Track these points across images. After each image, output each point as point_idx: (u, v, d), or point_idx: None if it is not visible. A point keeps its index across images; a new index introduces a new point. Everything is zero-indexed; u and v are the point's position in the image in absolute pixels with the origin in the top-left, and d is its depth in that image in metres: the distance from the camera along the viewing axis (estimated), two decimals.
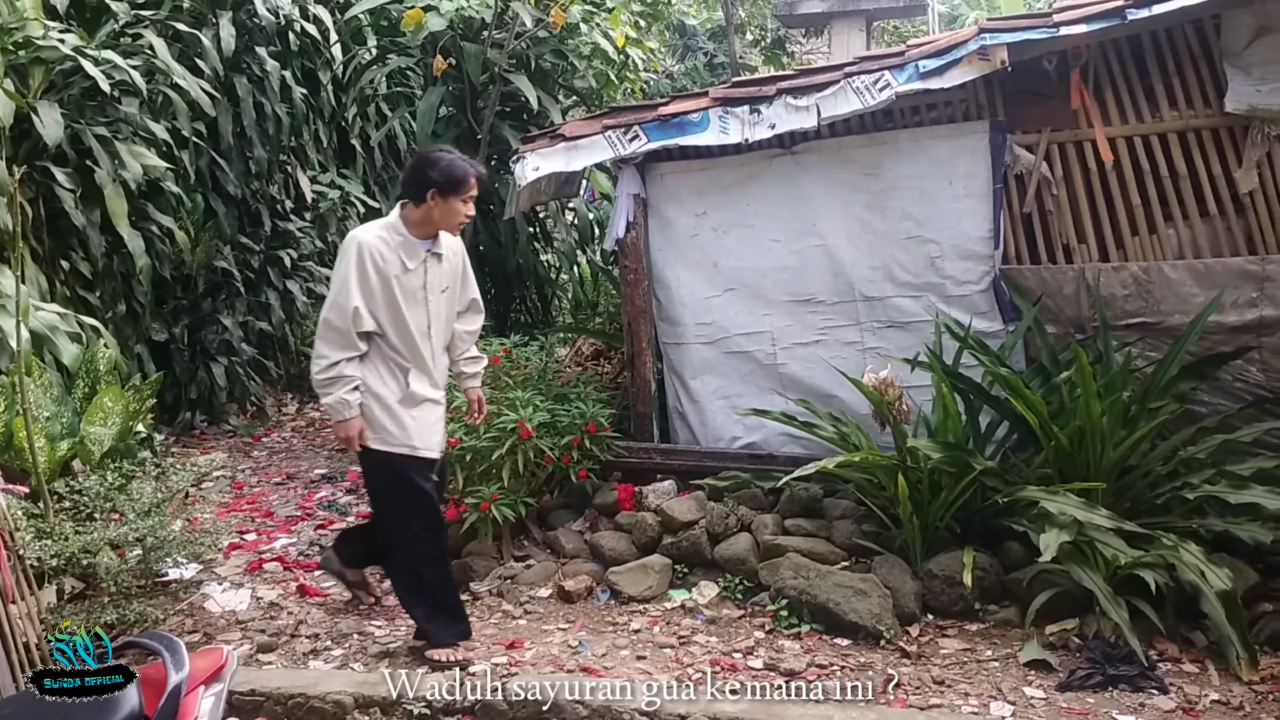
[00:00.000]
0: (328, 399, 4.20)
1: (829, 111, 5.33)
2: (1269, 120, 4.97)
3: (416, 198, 4.24)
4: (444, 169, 4.21)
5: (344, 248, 4.24)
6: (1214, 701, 3.93)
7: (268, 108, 8.57)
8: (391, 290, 4.20)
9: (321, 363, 4.17)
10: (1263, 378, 4.99)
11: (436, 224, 4.31)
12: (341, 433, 4.28)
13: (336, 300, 4.17)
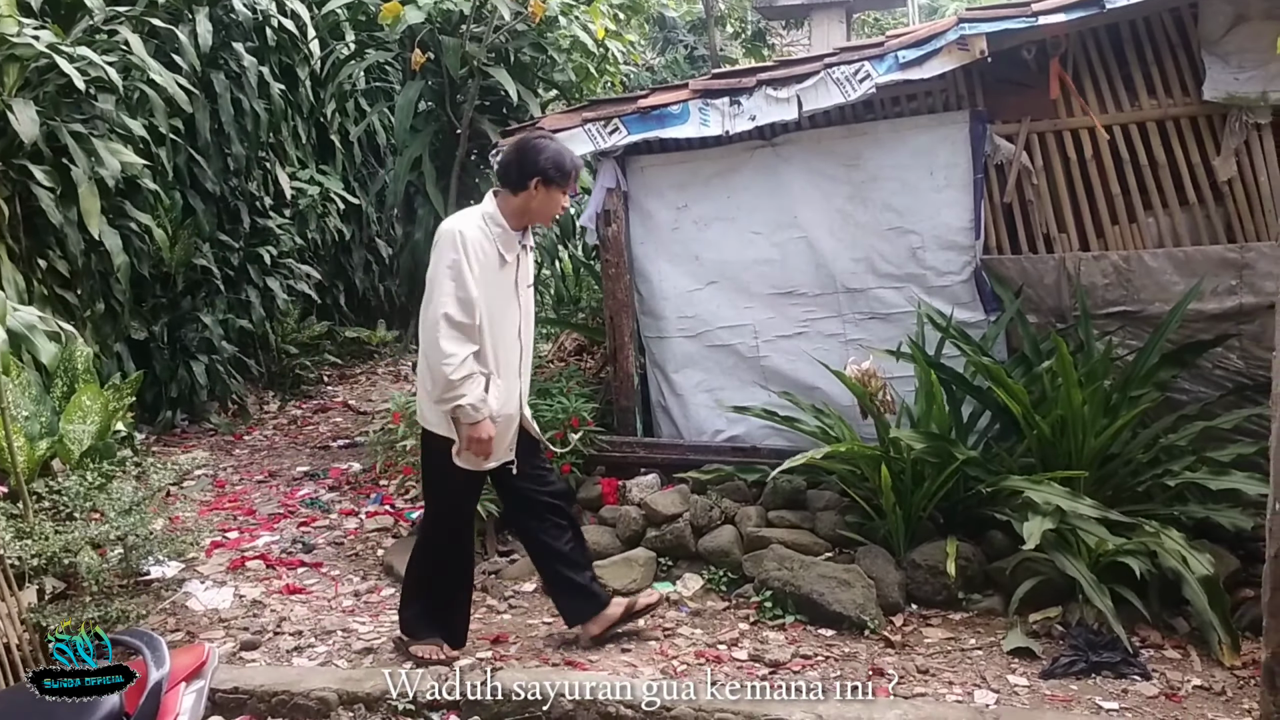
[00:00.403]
0: (462, 400, 3.91)
1: (809, 103, 5.33)
2: (1247, 108, 4.98)
3: (517, 185, 4.07)
4: (553, 156, 4.08)
5: (444, 238, 3.98)
6: (1196, 687, 3.95)
7: (245, 104, 8.52)
8: (490, 285, 4.01)
9: (454, 361, 3.88)
10: (1242, 365, 5.01)
11: (534, 214, 4.16)
12: (477, 434, 3.98)
13: (456, 294, 3.90)
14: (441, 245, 3.98)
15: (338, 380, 10.60)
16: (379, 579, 5.41)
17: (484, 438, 3.98)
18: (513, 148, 4.18)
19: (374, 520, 6.24)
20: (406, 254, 7.99)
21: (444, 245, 3.98)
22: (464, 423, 3.97)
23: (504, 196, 4.12)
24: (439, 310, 3.90)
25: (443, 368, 3.88)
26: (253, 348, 9.52)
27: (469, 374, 3.91)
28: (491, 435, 4.00)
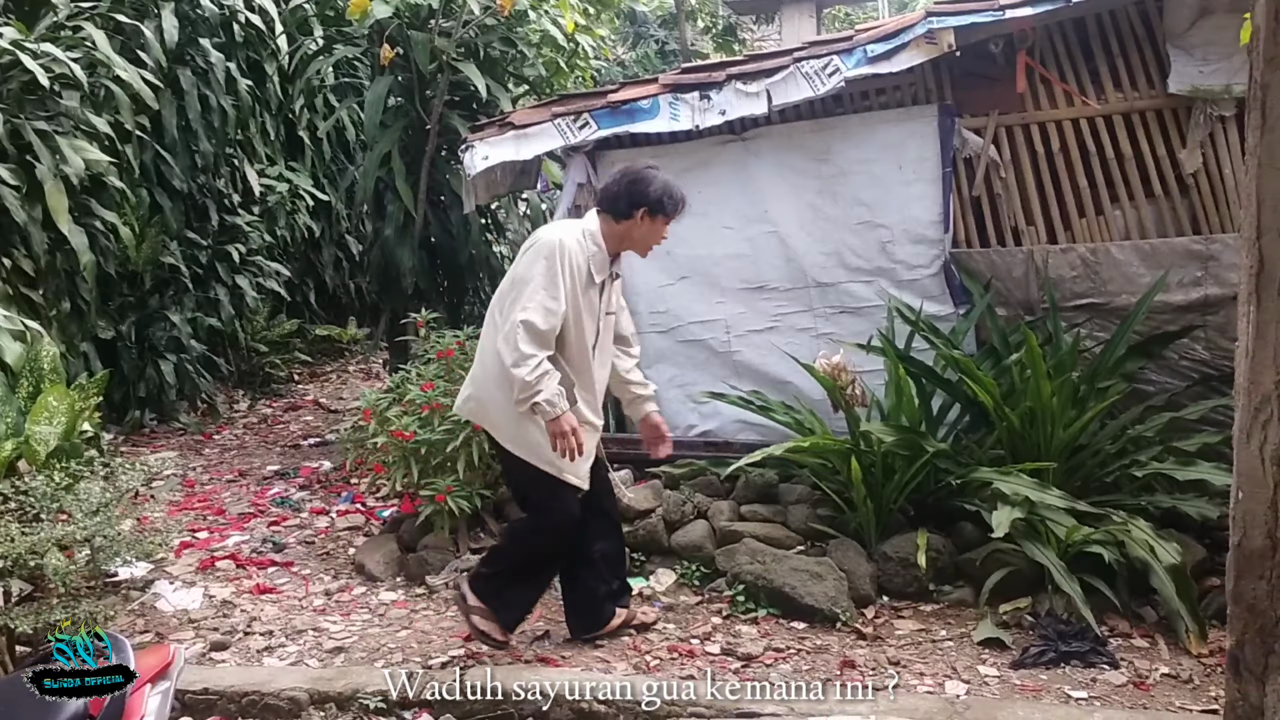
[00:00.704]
0: (539, 397, 3.82)
1: (779, 97, 5.34)
2: (1211, 101, 5.02)
3: (622, 213, 4.04)
4: (663, 188, 4.05)
5: (543, 246, 3.93)
6: (1164, 675, 3.98)
7: (213, 100, 8.46)
8: (577, 300, 3.98)
9: (531, 362, 3.81)
10: (1208, 355, 5.05)
11: (633, 243, 4.14)
12: (559, 428, 3.87)
13: (544, 304, 3.86)
14: (539, 251, 3.93)
15: (308, 378, 10.55)
16: (350, 578, 5.38)
17: (567, 430, 3.87)
18: (621, 176, 4.11)
19: (345, 519, 6.22)
20: (376, 250, 7.96)
21: (541, 251, 3.92)
22: (545, 420, 3.88)
23: (605, 220, 4.09)
24: (521, 316, 3.83)
25: (518, 369, 3.81)
26: (222, 346, 9.48)
27: (546, 371, 3.85)
28: (575, 426, 3.90)
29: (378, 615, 4.90)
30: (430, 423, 5.29)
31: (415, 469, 5.28)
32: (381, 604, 5.03)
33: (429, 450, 5.28)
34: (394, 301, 7.89)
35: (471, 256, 8.10)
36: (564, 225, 4.09)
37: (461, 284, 8.49)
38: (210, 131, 8.52)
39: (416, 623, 4.78)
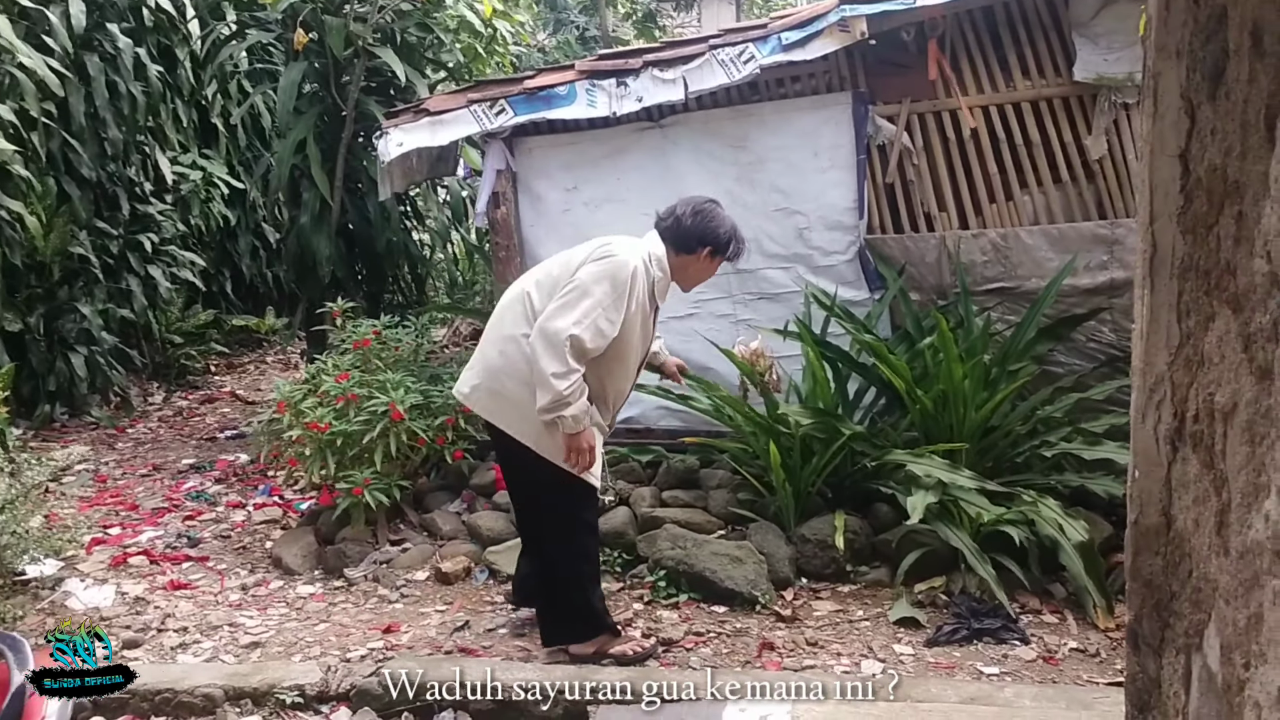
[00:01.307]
0: (568, 411, 3.72)
1: (695, 84, 5.36)
2: (1116, 88, 5.14)
3: (687, 248, 3.98)
4: (731, 230, 4.03)
5: (617, 266, 3.78)
6: (1073, 649, 4.08)
7: (121, 87, 8.24)
8: (634, 327, 3.88)
9: (573, 377, 3.69)
10: (1114, 337, 5.18)
11: (684, 276, 4.10)
12: (578, 444, 3.81)
13: (599, 325, 3.73)
14: (612, 270, 3.78)
15: (225, 370, 10.38)
16: (267, 571, 5.32)
17: (585, 447, 3.82)
18: (692, 211, 4.01)
19: (262, 512, 6.13)
20: (292, 239, 7.85)
21: (614, 271, 3.78)
22: (565, 432, 3.79)
23: (668, 249, 4.01)
24: (573, 330, 3.68)
25: (558, 381, 3.67)
26: (135, 338, 9.27)
27: (581, 388, 3.75)
28: (594, 444, 3.86)
29: (295, 609, 4.85)
30: (346, 414, 5.23)
31: (331, 461, 5.22)
32: (299, 598, 4.98)
33: (345, 442, 5.21)
34: (311, 291, 7.78)
35: (390, 244, 8.02)
36: (636, 247, 3.92)
37: (380, 272, 8.40)
38: (120, 118, 8.31)
39: (335, 616, 4.74)
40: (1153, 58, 1.95)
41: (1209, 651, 1.72)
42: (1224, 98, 1.59)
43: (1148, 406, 2.09)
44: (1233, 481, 1.58)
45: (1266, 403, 1.43)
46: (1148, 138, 2.02)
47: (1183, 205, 1.78)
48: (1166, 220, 1.88)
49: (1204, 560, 1.74)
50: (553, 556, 4.09)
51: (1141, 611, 2.21)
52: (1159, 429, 2.01)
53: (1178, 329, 1.83)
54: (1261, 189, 1.43)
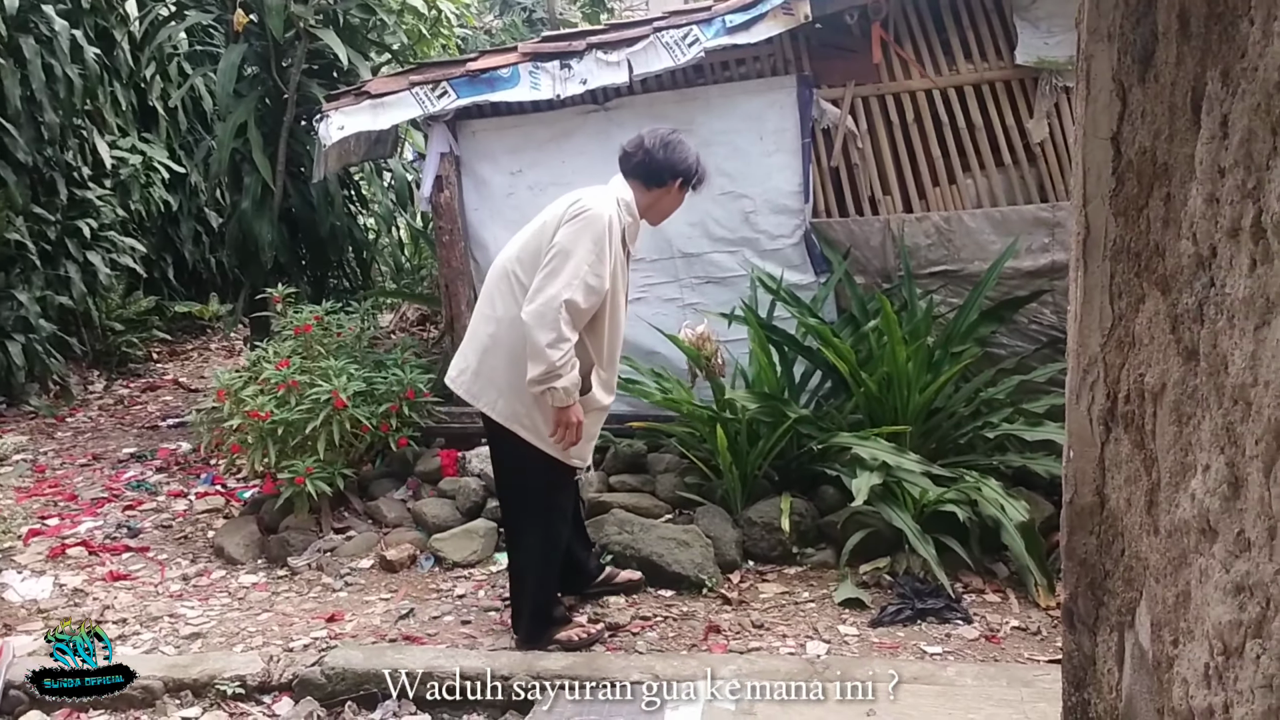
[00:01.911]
0: (559, 383, 3.64)
1: (640, 67, 5.34)
2: (1057, 72, 5.19)
3: (655, 181, 3.90)
4: (697, 157, 3.98)
5: (591, 220, 3.69)
6: (1014, 628, 4.13)
7: (58, 69, 8.05)
8: (617, 276, 3.79)
9: (565, 346, 3.61)
10: (1055, 319, 5.23)
11: (656, 213, 4.02)
12: (567, 418, 3.74)
13: (587, 281, 3.64)
14: (587, 225, 3.69)
15: (168, 357, 10.23)
16: (209, 561, 5.25)
17: (574, 421, 3.75)
18: (657, 142, 3.91)
19: (204, 501, 6.05)
20: (234, 223, 7.74)
21: (591, 226, 3.69)
22: (555, 405, 3.72)
23: (636, 189, 3.92)
24: (565, 295, 3.61)
25: (552, 351, 3.60)
26: (74, 325, 9.09)
27: (572, 359, 3.68)
28: (581, 419, 3.78)
29: (237, 599, 4.80)
30: (287, 401, 5.17)
31: (274, 450, 5.15)
32: (242, 587, 4.92)
33: (287, 430, 5.14)
34: (253, 276, 7.67)
35: (334, 229, 7.93)
36: (605, 196, 3.83)
37: (324, 257, 8.31)
38: (56, 102, 8.12)
39: (278, 605, 4.69)
40: (1085, 40, 1.96)
41: (1140, 629, 1.74)
42: (1153, 80, 1.60)
43: (1081, 387, 2.11)
44: (1162, 461, 1.59)
45: (1193, 383, 1.44)
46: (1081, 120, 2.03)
47: (1115, 188, 1.79)
48: (1099, 203, 1.90)
49: (1136, 539, 1.76)
50: (522, 541, 4.07)
51: (1076, 590, 2.23)
52: (1093, 410, 2.03)
53: (1110, 310, 1.84)
54: (1188, 171, 1.44)
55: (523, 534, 4.06)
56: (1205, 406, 1.38)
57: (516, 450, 3.89)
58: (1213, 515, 1.35)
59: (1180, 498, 1.49)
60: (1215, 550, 1.35)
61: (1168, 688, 1.57)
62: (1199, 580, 1.42)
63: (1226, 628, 1.31)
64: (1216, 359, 1.33)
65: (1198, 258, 1.39)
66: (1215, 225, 1.33)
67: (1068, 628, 2.35)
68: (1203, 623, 1.42)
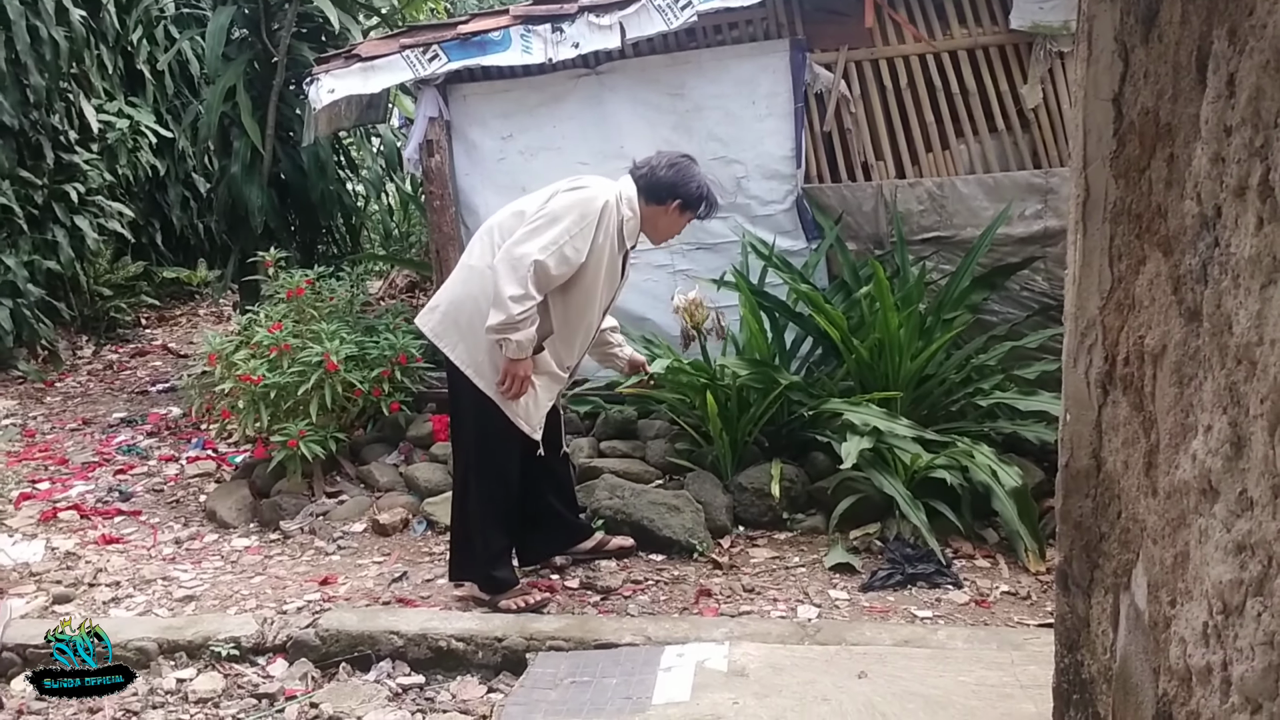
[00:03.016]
0: (517, 335, 3.75)
1: (633, 30, 5.30)
2: (1051, 36, 5.17)
3: (654, 198, 4.00)
4: (703, 187, 4.06)
5: (588, 198, 3.84)
6: (1004, 593, 4.15)
7: (43, 31, 7.98)
8: (603, 262, 3.90)
9: (527, 303, 3.72)
10: (1047, 286, 5.24)
11: (653, 228, 4.11)
12: (516, 370, 3.84)
13: (564, 251, 3.76)
14: (583, 200, 3.84)
15: (156, 322, 10.20)
16: (201, 525, 5.25)
17: (521, 375, 3.85)
18: (667, 163, 4.04)
19: (195, 465, 6.05)
20: (223, 188, 7.69)
21: (586, 202, 3.84)
22: (508, 355, 3.82)
23: (643, 202, 4.02)
24: (537, 255, 3.71)
25: (514, 305, 3.71)
26: (62, 290, 9.05)
27: (532, 316, 3.77)
28: (529, 374, 3.88)
29: (230, 562, 4.80)
30: (280, 365, 5.15)
31: (265, 414, 5.14)
32: (234, 551, 4.92)
33: (279, 394, 5.14)
34: (243, 242, 7.64)
35: (324, 194, 7.89)
36: (608, 185, 3.98)
37: (314, 222, 8.27)
38: (41, 65, 8.05)
39: (271, 568, 4.70)
40: (1087, 1, 1.94)
41: (1136, 590, 1.75)
42: (1157, 40, 1.59)
43: (1079, 350, 2.12)
44: (1161, 423, 1.60)
45: (1194, 344, 1.44)
46: (1081, 82, 2.02)
47: (1115, 149, 1.78)
48: (1100, 164, 1.89)
49: (1133, 501, 1.77)
50: (466, 490, 4.13)
51: (1071, 553, 2.24)
52: (1090, 373, 2.03)
53: (1109, 273, 1.84)
54: (1193, 131, 1.43)
55: (467, 485, 4.12)
56: (1208, 367, 1.38)
57: (470, 397, 3.97)
58: (1214, 475, 1.36)
59: (1180, 459, 1.49)
60: (1216, 510, 1.36)
61: (1164, 647, 1.58)
62: (1199, 540, 1.43)
63: (1227, 587, 1.32)
64: (1220, 319, 1.33)
65: (1201, 218, 1.39)
66: (1221, 185, 1.32)
67: (1061, 590, 2.37)
68: (1202, 582, 1.42)
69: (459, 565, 4.22)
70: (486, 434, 4.02)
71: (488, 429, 4.00)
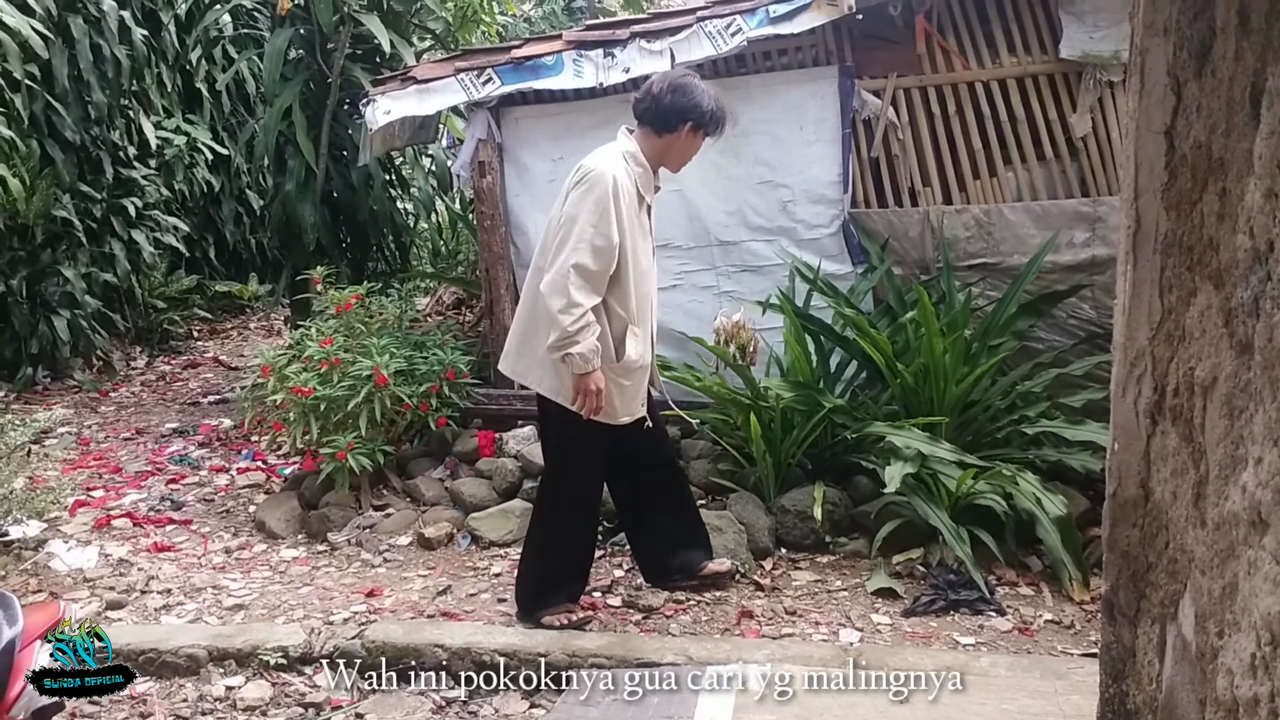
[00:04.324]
0: (577, 348, 3.66)
1: (682, 55, 5.35)
2: (1101, 66, 5.16)
3: (664, 127, 3.83)
4: (712, 102, 3.85)
5: (595, 181, 3.71)
6: (1048, 621, 4.14)
7: (106, 50, 8.18)
8: (633, 228, 3.75)
9: (576, 312, 3.63)
10: (1094, 314, 5.22)
11: (671, 158, 3.94)
12: (589, 385, 3.74)
13: (594, 242, 3.65)
14: (590, 187, 3.72)
15: (208, 335, 10.35)
16: (250, 535, 5.34)
17: (593, 388, 3.75)
18: (665, 86, 3.85)
19: (245, 476, 6.14)
20: (277, 205, 7.81)
21: (594, 188, 3.71)
22: (575, 373, 3.74)
23: (645, 135, 3.88)
24: (571, 260, 3.64)
25: (563, 316, 3.64)
26: (118, 302, 9.23)
27: (588, 324, 3.68)
28: (601, 386, 3.77)
29: (279, 572, 4.87)
30: (330, 379, 5.24)
31: (315, 426, 5.22)
32: (282, 561, 5.00)
33: (329, 407, 5.22)
34: (295, 258, 7.75)
35: (374, 212, 7.99)
36: (606, 154, 3.83)
37: (365, 240, 8.38)
38: (104, 82, 8.24)
39: (318, 579, 4.76)
40: (1140, 34, 1.97)
41: (1184, 621, 1.76)
42: (1210, 75, 1.61)
43: (1128, 380, 2.13)
44: (1211, 454, 1.61)
45: (1246, 376, 1.46)
46: (1133, 114, 2.04)
47: (1167, 181, 1.80)
48: (1151, 196, 1.91)
49: (1181, 532, 1.78)
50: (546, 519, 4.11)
51: (1118, 582, 2.25)
52: (1139, 403, 2.05)
53: (1160, 304, 1.85)
54: (1245, 166, 1.45)
55: (549, 505, 4.12)
56: (1259, 400, 1.40)
57: (555, 421, 3.94)
58: (1264, 508, 1.37)
59: (1230, 490, 1.51)
60: (1266, 542, 1.37)
61: (1211, 678, 1.59)
62: (1247, 572, 1.44)
63: (1276, 618, 1.33)
64: (1272, 352, 1.35)
65: (1254, 252, 1.41)
66: (1274, 220, 1.34)
67: (1107, 620, 2.37)
68: (1250, 614, 1.43)
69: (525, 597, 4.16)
70: (580, 462, 4.01)
71: (572, 454, 3.99)
